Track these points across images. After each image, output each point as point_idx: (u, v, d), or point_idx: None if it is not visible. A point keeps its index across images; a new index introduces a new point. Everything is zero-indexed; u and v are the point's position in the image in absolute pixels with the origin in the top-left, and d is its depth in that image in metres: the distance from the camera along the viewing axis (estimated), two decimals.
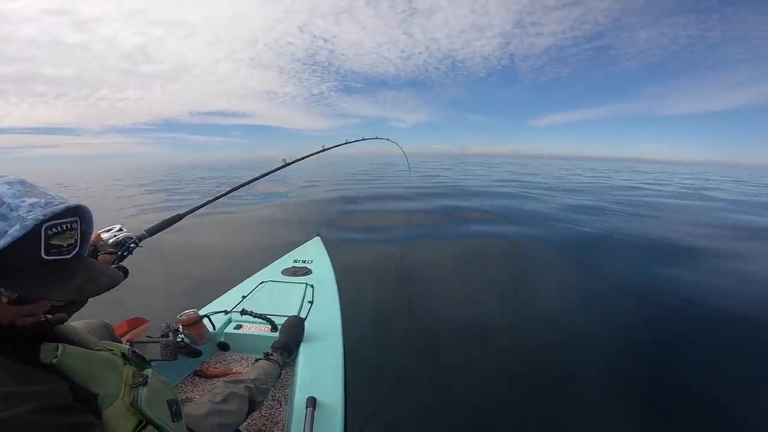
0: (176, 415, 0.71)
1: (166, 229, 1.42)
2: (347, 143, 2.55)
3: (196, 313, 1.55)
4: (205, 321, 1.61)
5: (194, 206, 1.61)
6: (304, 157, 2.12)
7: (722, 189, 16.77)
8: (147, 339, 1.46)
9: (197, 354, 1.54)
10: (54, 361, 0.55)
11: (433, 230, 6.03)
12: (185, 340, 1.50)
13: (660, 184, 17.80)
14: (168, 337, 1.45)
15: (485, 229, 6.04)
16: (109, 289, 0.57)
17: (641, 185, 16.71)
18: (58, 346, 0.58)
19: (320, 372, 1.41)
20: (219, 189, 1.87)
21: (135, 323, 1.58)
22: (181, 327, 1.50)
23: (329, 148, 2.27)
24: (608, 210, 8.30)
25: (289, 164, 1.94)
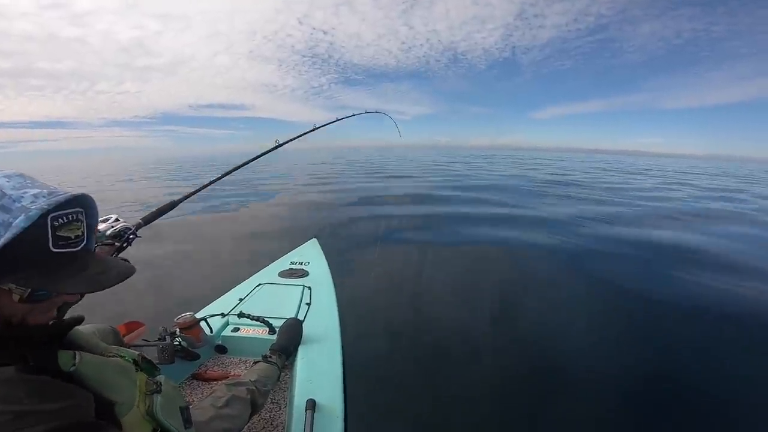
0: (187, 421, 0.71)
1: (160, 218, 1.38)
2: (338, 120, 2.58)
3: (193, 316, 1.54)
4: (202, 324, 1.60)
5: (188, 192, 1.56)
6: (297, 137, 2.23)
7: None
8: (144, 342, 1.45)
9: (195, 357, 1.53)
10: (72, 369, 0.53)
11: (434, 231, 6.03)
12: (182, 343, 1.49)
13: None
14: (165, 340, 1.44)
15: (488, 232, 6.02)
16: (122, 281, 0.55)
17: None
18: (75, 353, 0.55)
19: (319, 374, 1.41)
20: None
21: (131, 327, 1.56)
22: (177, 330, 1.49)
23: (320, 127, 2.38)
24: None
25: (282, 144, 2.02)
